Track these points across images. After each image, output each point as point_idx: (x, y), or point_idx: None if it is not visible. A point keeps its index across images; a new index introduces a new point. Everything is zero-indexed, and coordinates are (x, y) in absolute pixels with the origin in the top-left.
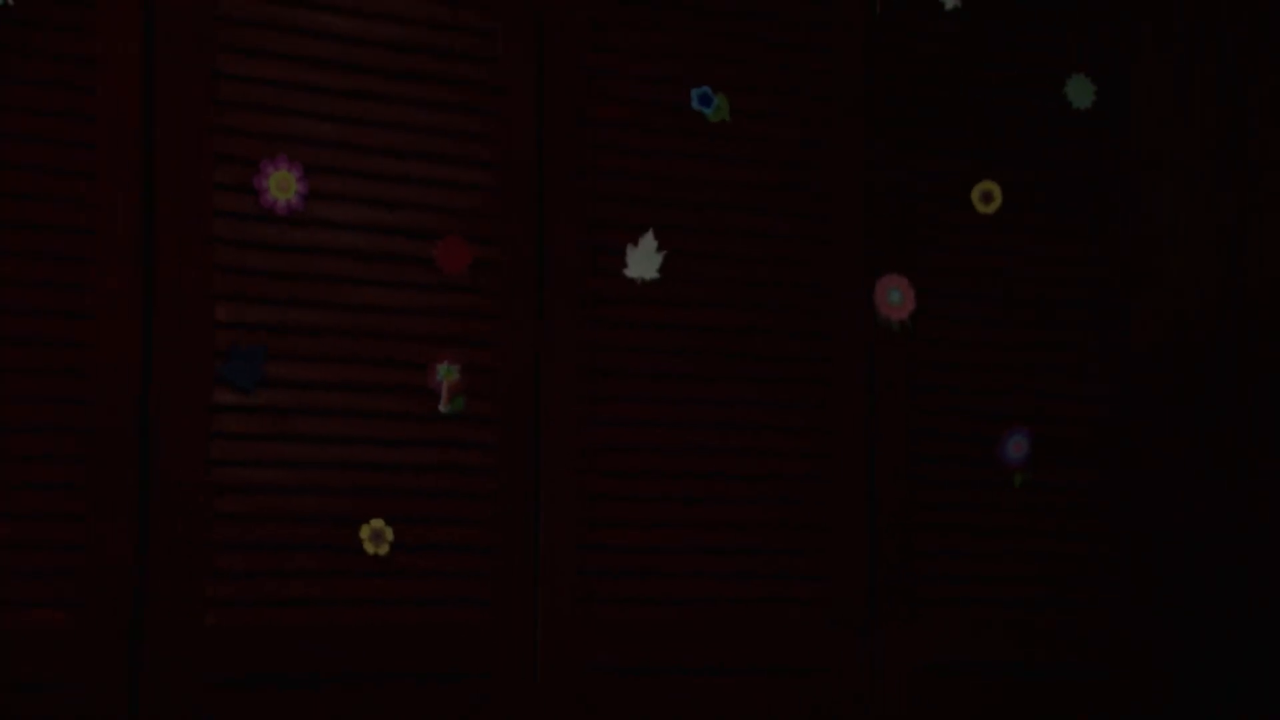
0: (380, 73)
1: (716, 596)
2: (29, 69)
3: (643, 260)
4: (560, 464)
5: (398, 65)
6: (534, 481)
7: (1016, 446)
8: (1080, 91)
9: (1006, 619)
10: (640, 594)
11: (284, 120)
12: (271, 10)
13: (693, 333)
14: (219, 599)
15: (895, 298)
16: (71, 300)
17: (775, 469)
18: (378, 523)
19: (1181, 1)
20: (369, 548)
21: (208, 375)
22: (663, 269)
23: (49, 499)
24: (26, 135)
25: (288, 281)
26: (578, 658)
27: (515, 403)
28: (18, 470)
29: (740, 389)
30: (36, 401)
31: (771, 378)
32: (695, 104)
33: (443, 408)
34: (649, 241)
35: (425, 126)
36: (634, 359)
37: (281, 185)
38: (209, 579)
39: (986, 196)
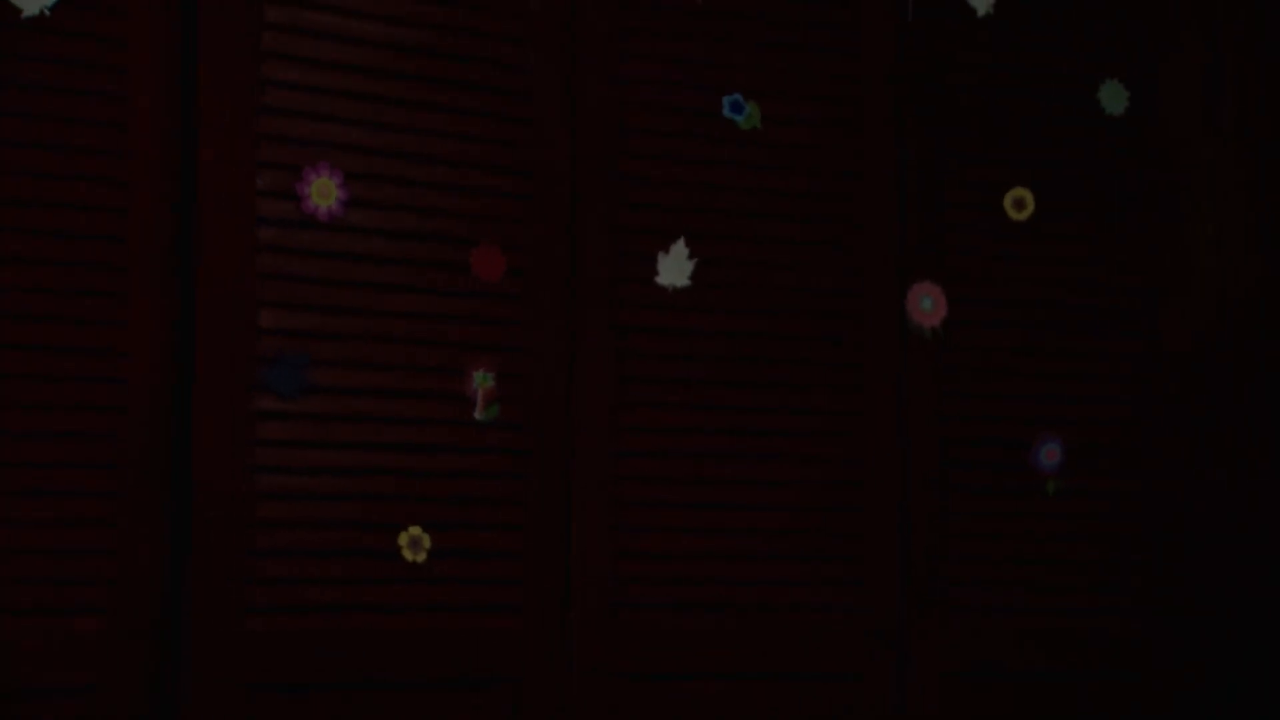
0: (418, 79)
1: (748, 603)
2: (63, 78)
3: (674, 268)
4: (591, 471)
5: (434, 72)
6: (565, 488)
7: (1049, 454)
8: (1113, 97)
9: (1039, 626)
10: (672, 600)
11: (324, 127)
12: (311, 16)
13: (724, 340)
14: (261, 605)
15: (927, 304)
16: (103, 308)
17: (806, 475)
18: (415, 530)
19: (1215, 6)
20: (407, 555)
21: (251, 381)
22: (694, 276)
23: (81, 506)
24: (59, 145)
25: (329, 288)
26: (609, 664)
27: (547, 410)
28: (50, 477)
29: (771, 396)
30: (67, 409)
31: (803, 384)
32: (727, 111)
33: (478, 415)
34: (680, 249)
35: (460, 133)
36: (665, 366)
37: (323, 192)
38: (252, 585)
39: (1019, 203)
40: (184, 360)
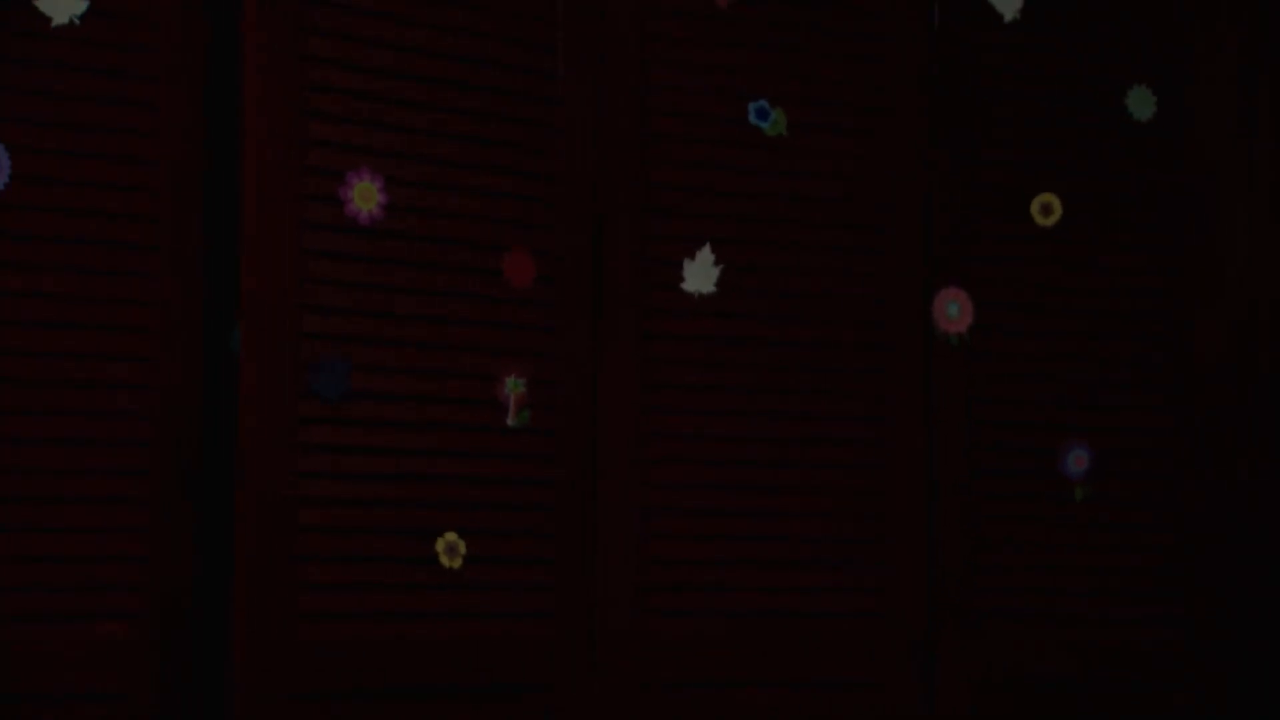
0: (454, 85)
1: (774, 610)
2: (92, 86)
3: (700, 274)
4: (617, 477)
5: (468, 78)
6: (591, 495)
7: (1078, 460)
8: (1141, 103)
9: (1068, 634)
10: (698, 607)
11: (363, 131)
12: (350, 21)
13: (749, 346)
14: (307, 612)
15: (953, 311)
16: (132, 315)
17: (832, 482)
18: (451, 536)
19: (1243, 10)
20: (444, 561)
21: (296, 387)
22: (720, 282)
23: (110, 513)
24: (88, 153)
25: (370, 292)
26: (635, 671)
27: (574, 416)
28: (80, 484)
29: (797, 402)
30: (97, 416)
31: (829, 391)
32: (753, 118)
33: (510, 420)
34: (706, 255)
35: (492, 139)
36: (691, 372)
37: (365, 196)
38: (299, 592)
39: (1046, 209)
40: (216, 365)
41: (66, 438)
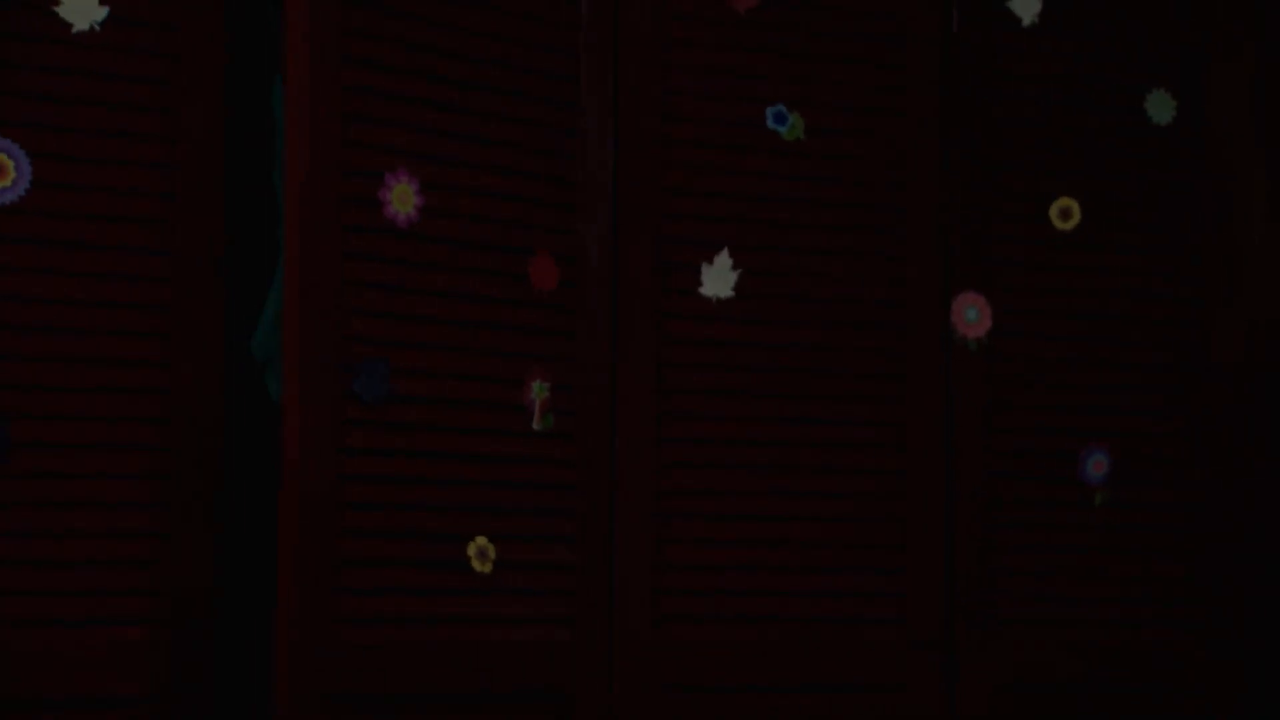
0: (486, 89)
1: (792, 615)
2: (113, 92)
3: (717, 279)
4: (634, 482)
5: (498, 82)
6: (609, 499)
7: (1097, 465)
8: (1160, 107)
9: (1088, 638)
10: (715, 612)
11: (398, 133)
12: (388, 23)
13: (767, 351)
14: (348, 615)
15: (972, 315)
16: (149, 320)
17: (850, 487)
18: (482, 540)
19: (1265, 13)
20: (476, 565)
21: (339, 390)
22: (737, 287)
23: (130, 517)
24: (108, 159)
25: (407, 296)
26: (653, 677)
27: (592, 421)
28: (101, 488)
29: (815, 407)
30: (115, 420)
31: (846, 396)
32: (770, 122)
33: (535, 425)
34: (724, 260)
35: (518, 143)
36: (708, 377)
37: (402, 198)
38: (341, 596)
39: (1065, 213)
40: (236, 368)
41: (85, 442)
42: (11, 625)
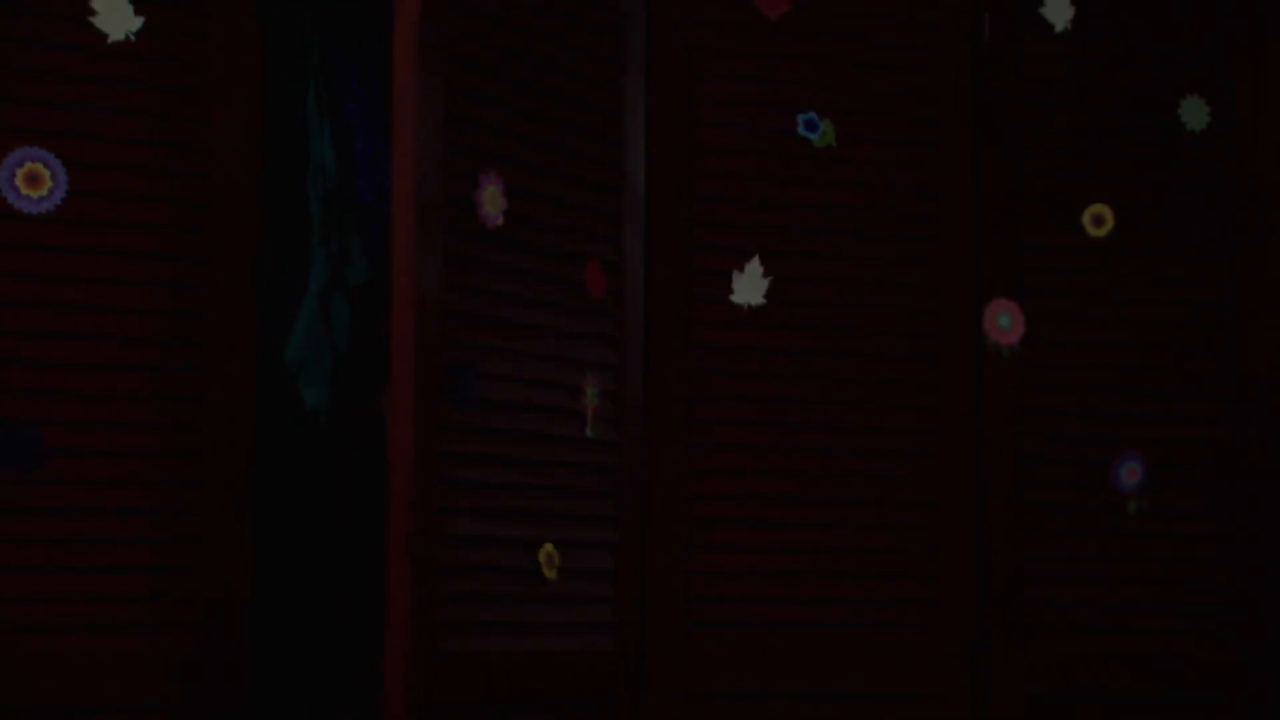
0: (545, 94)
1: (823, 622)
2: (146, 101)
3: (749, 285)
4: (667, 488)
5: (558, 86)
6: (642, 506)
7: (1130, 473)
8: (1194, 113)
9: (1122, 647)
10: (746, 619)
11: (490, 137)
12: (476, 25)
13: (799, 358)
14: (445, 622)
15: (1004, 322)
16: (182, 327)
17: (882, 494)
18: (549, 547)
19: None
20: (545, 572)
21: (438, 395)
22: (769, 294)
23: (166, 525)
24: (142, 166)
25: (491, 299)
26: (685, 683)
27: (629, 427)
28: (135, 495)
29: (846, 414)
30: (148, 429)
31: (878, 402)
32: (801, 129)
33: (588, 431)
34: (755, 267)
35: (574, 148)
36: (740, 384)
37: (492, 200)
38: (440, 605)
39: (1098, 220)
40: (269, 375)
41: (119, 450)
42: (30, 631)
